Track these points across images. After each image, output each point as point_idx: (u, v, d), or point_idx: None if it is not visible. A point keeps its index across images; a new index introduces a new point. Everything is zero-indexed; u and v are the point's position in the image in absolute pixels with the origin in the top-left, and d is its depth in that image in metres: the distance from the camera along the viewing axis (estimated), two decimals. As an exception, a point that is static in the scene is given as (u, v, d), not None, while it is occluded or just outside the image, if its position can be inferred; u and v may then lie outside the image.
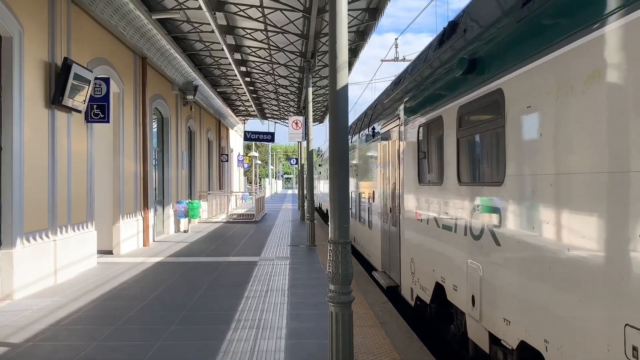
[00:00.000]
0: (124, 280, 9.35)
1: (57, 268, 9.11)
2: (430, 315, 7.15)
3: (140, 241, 14.10)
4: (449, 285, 5.85)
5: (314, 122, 22.11)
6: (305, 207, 16.80)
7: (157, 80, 15.98)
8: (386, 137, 9.56)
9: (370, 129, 11.47)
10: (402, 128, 8.27)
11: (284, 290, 8.50)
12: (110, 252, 12.66)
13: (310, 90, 14.41)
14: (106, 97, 10.69)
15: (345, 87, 4.82)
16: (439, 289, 6.35)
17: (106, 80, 10.75)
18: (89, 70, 10.08)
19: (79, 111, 10.03)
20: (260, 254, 12.65)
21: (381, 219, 10.03)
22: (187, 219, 18.48)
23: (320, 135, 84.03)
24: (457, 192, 5.55)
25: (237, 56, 17.67)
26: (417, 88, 7.59)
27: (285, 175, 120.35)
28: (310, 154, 14.79)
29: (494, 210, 4.57)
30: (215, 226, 20.60)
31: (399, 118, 8.45)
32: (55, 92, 9.07)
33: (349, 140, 16.66)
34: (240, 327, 6.36)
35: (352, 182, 14.53)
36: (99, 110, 10.63)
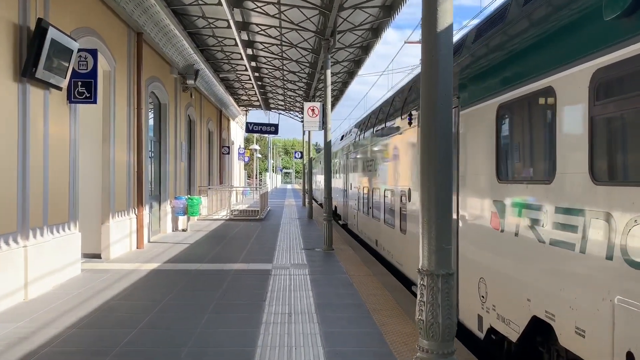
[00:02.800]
0: (112, 296, 7.60)
1: (27, 281, 7.35)
2: (507, 354, 5.48)
3: (134, 243, 12.33)
4: (566, 326, 4.13)
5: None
6: (317, 204, 15.26)
7: (154, 60, 14.16)
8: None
9: (403, 117, 9.73)
10: (462, 110, 6.56)
11: (311, 313, 6.77)
12: (98, 256, 10.88)
13: (329, 72, 12.61)
14: (93, 73, 8.90)
15: (449, 30, 3.07)
16: (538, 326, 4.65)
17: (93, 53, 8.95)
18: (72, 38, 8.30)
19: (59, 88, 8.25)
20: (272, 260, 10.92)
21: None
22: (186, 216, 16.71)
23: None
24: (590, 194, 3.81)
25: (244, 36, 15.88)
26: (490, 55, 5.86)
27: (284, 170, 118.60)
28: (328, 144, 13.03)
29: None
30: (217, 224, 18.85)
31: (457, 98, 6.72)
32: (27, 62, 7.30)
33: (362, 136, 14.89)
34: (264, 376, 4.64)
35: (374, 177, 12.83)
36: (84, 88, 8.83)
